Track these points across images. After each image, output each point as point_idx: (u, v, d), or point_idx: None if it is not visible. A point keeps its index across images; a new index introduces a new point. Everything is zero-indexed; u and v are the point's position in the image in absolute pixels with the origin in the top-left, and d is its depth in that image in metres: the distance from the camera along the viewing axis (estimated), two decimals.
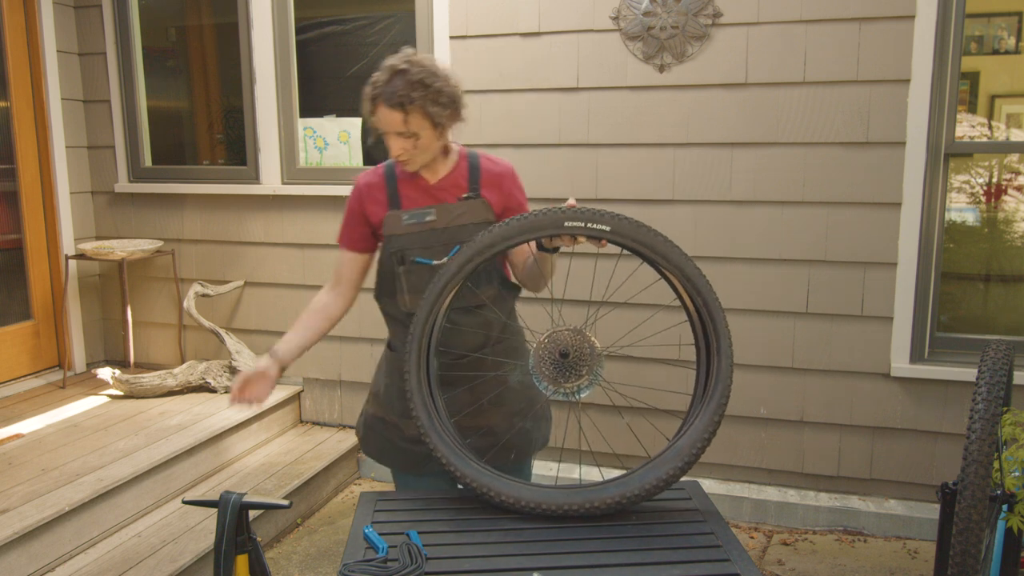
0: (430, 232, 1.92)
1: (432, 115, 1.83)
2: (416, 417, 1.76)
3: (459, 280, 1.75)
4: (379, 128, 1.88)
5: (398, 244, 1.93)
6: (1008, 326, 3.27)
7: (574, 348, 1.74)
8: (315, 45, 4.07)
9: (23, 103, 3.85)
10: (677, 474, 1.71)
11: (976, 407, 1.81)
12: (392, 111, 1.82)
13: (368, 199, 2.00)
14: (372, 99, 1.86)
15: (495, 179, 1.98)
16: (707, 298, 1.71)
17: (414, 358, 1.76)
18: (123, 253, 3.77)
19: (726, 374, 1.71)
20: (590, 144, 3.31)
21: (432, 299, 1.75)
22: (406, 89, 1.80)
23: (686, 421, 1.77)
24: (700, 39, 3.13)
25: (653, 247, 1.69)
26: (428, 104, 1.81)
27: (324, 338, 2.11)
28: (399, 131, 1.84)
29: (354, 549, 1.59)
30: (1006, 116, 3.34)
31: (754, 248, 3.20)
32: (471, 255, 1.72)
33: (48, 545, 2.57)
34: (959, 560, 1.71)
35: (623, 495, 1.70)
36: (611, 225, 1.68)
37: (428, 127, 1.84)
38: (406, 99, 1.80)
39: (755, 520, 3.27)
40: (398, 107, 1.81)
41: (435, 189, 1.96)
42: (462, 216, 1.92)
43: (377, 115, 1.85)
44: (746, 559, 1.56)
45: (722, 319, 1.72)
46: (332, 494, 3.54)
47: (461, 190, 1.96)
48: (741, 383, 3.27)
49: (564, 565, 1.54)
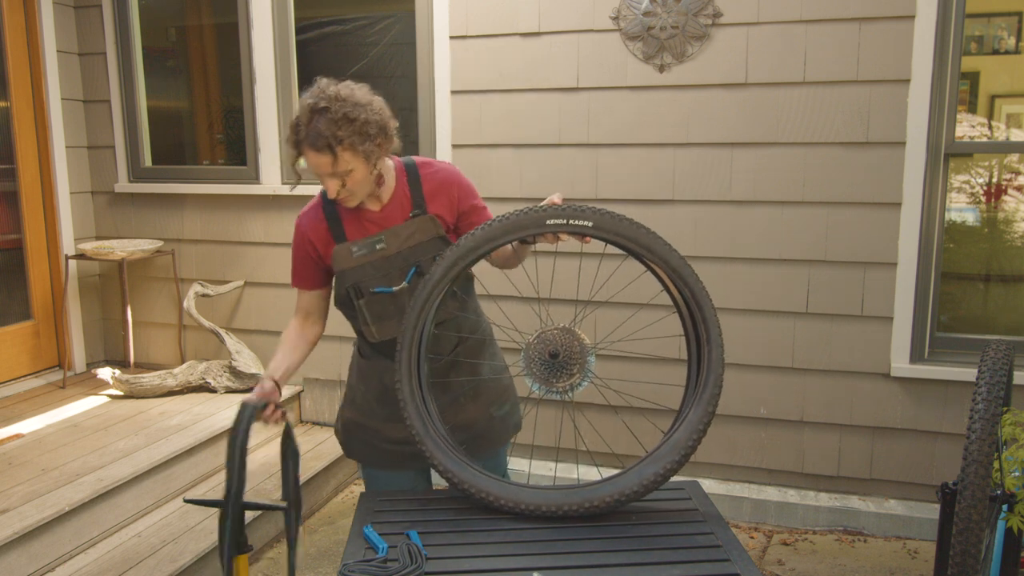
0: (382, 260, 1.86)
1: (363, 152, 1.74)
2: (410, 426, 1.75)
3: (445, 285, 1.74)
4: (310, 170, 1.81)
5: (352, 278, 1.87)
6: (1008, 326, 3.27)
7: (564, 347, 1.74)
8: (315, 45, 4.07)
9: (23, 103, 3.85)
10: (674, 467, 1.71)
11: (976, 407, 1.81)
12: (320, 155, 1.72)
13: (314, 240, 1.92)
14: (296, 144, 1.76)
15: (439, 187, 1.92)
16: (694, 288, 1.70)
17: (405, 368, 1.75)
18: (123, 253, 3.77)
19: (717, 364, 1.71)
20: (590, 144, 3.30)
21: (418, 308, 1.73)
22: (330, 129, 1.70)
23: (680, 414, 1.77)
24: (700, 39, 3.13)
25: (636, 240, 1.69)
26: (356, 141, 1.72)
27: (324, 338, 2.12)
28: (330, 173, 1.75)
29: (354, 549, 1.59)
30: (1006, 116, 3.34)
31: (754, 248, 3.20)
32: (455, 259, 1.70)
33: (48, 545, 2.57)
34: (959, 560, 1.71)
35: (621, 492, 1.70)
36: (593, 220, 1.67)
37: (360, 162, 1.75)
38: (333, 140, 1.70)
39: (755, 520, 3.27)
40: (326, 150, 1.71)
41: (379, 218, 1.90)
42: (412, 236, 1.87)
43: (306, 159, 1.77)
44: (746, 559, 1.56)
45: (710, 308, 1.72)
46: (332, 494, 3.54)
47: (406, 208, 1.89)
48: (741, 383, 3.27)
49: (564, 565, 1.54)
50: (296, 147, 1.77)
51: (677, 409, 1.82)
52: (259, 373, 3.79)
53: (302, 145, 1.74)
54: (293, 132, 1.76)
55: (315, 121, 1.71)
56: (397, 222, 1.89)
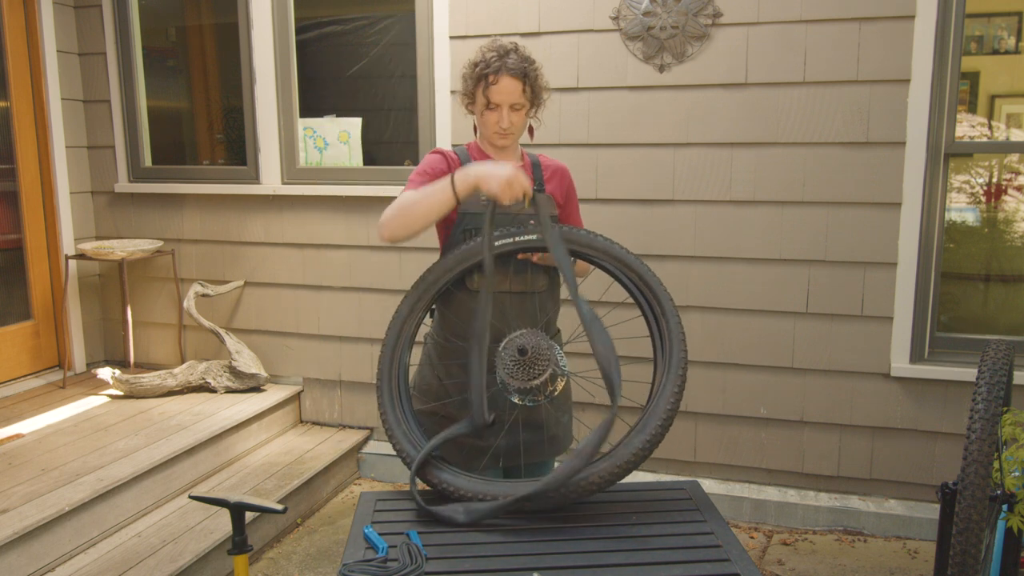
0: (503, 215, 1.96)
1: (537, 91, 1.97)
2: (391, 437, 1.84)
3: (419, 312, 1.93)
4: (492, 100, 1.94)
5: (473, 222, 1.97)
6: (1008, 326, 3.27)
7: (531, 346, 1.80)
8: (315, 45, 4.07)
9: (23, 103, 3.85)
10: (661, 432, 1.74)
11: (976, 407, 1.81)
12: (515, 80, 1.92)
13: (455, 168, 2.00)
14: (493, 71, 1.92)
15: (553, 175, 2.10)
16: (638, 270, 1.85)
17: (386, 369, 1.91)
18: (123, 253, 3.77)
19: (676, 332, 1.81)
20: (590, 144, 3.31)
21: (394, 339, 1.92)
22: (524, 62, 1.94)
23: (654, 383, 1.81)
24: (700, 39, 3.13)
25: (579, 242, 1.87)
26: (536, 79, 1.96)
27: (324, 338, 2.13)
28: (516, 101, 1.93)
29: (354, 549, 1.59)
30: (1006, 116, 3.34)
31: (754, 248, 3.20)
32: (420, 294, 1.91)
33: (48, 545, 2.57)
34: (959, 560, 1.71)
35: (615, 465, 1.71)
36: (538, 233, 1.87)
37: (527, 102, 1.96)
38: (530, 69, 1.94)
39: (755, 520, 3.27)
40: (521, 76, 1.92)
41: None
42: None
43: (498, 85, 1.92)
44: (746, 559, 1.56)
45: (657, 283, 1.85)
46: (332, 494, 3.54)
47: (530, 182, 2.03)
48: (741, 383, 3.27)
49: (564, 565, 1.54)
50: (492, 74, 1.92)
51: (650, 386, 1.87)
52: (259, 373, 3.79)
53: (500, 72, 1.91)
54: (483, 64, 1.93)
55: (509, 55, 1.93)
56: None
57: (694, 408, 3.33)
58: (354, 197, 3.67)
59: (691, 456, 3.38)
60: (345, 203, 3.70)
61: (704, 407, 3.33)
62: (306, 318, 3.84)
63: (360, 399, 3.82)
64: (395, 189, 3.57)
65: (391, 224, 1.81)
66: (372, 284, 3.71)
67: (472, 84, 1.96)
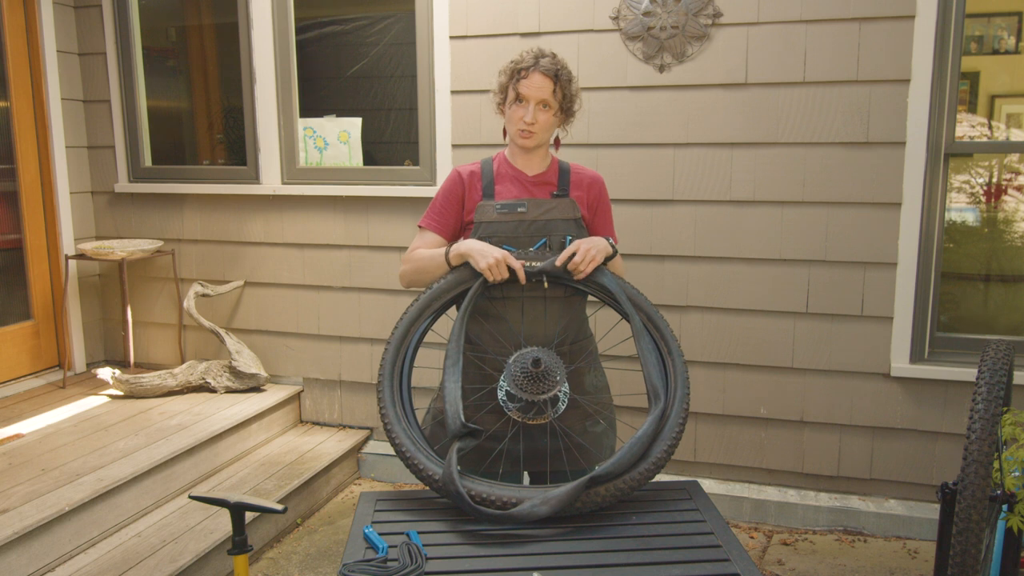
0: (519, 223, 2.03)
1: (567, 95, 2.06)
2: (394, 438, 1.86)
3: (428, 316, 2.01)
4: (521, 95, 2.02)
5: (487, 231, 2.03)
6: (1008, 326, 3.27)
7: (545, 361, 1.86)
8: (315, 45, 4.07)
9: (23, 103, 3.85)
10: (665, 456, 1.82)
11: (976, 407, 1.81)
12: (546, 78, 2.01)
13: (469, 186, 2.11)
14: (526, 68, 2.02)
15: (580, 182, 2.15)
16: (647, 310, 1.99)
17: (388, 375, 1.95)
18: (123, 253, 3.77)
19: (680, 370, 1.92)
20: (590, 144, 3.30)
21: (400, 338, 1.99)
22: (557, 65, 2.04)
23: (666, 397, 1.91)
24: (700, 39, 3.13)
25: (597, 282, 1.98)
26: (567, 84, 2.06)
27: (323, 339, 2.15)
28: (544, 98, 2.02)
29: (354, 549, 1.60)
30: (1006, 116, 3.34)
31: (754, 248, 3.20)
32: (414, 317, 2.00)
33: (48, 545, 2.57)
34: (959, 560, 1.71)
35: (617, 487, 1.78)
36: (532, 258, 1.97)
37: (557, 107, 2.05)
38: (562, 72, 2.04)
39: (755, 520, 3.27)
40: (553, 76, 2.02)
41: (530, 183, 2.10)
42: (551, 211, 2.05)
43: (528, 79, 2.01)
44: (746, 559, 1.56)
45: (664, 325, 1.98)
46: (332, 494, 3.54)
47: (552, 187, 2.11)
48: (741, 383, 3.27)
49: (564, 565, 1.54)
50: (525, 70, 2.02)
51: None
52: (259, 373, 3.79)
53: (533, 69, 2.02)
54: (518, 62, 2.05)
55: (544, 57, 2.04)
56: (542, 196, 2.11)
57: (694, 408, 3.33)
58: (354, 197, 3.67)
59: (691, 456, 3.38)
60: (345, 203, 3.70)
61: (704, 407, 3.33)
62: (306, 318, 3.84)
63: (360, 399, 3.82)
64: (395, 189, 3.57)
65: (407, 279, 2.14)
66: (372, 284, 3.71)
67: (506, 79, 2.06)
